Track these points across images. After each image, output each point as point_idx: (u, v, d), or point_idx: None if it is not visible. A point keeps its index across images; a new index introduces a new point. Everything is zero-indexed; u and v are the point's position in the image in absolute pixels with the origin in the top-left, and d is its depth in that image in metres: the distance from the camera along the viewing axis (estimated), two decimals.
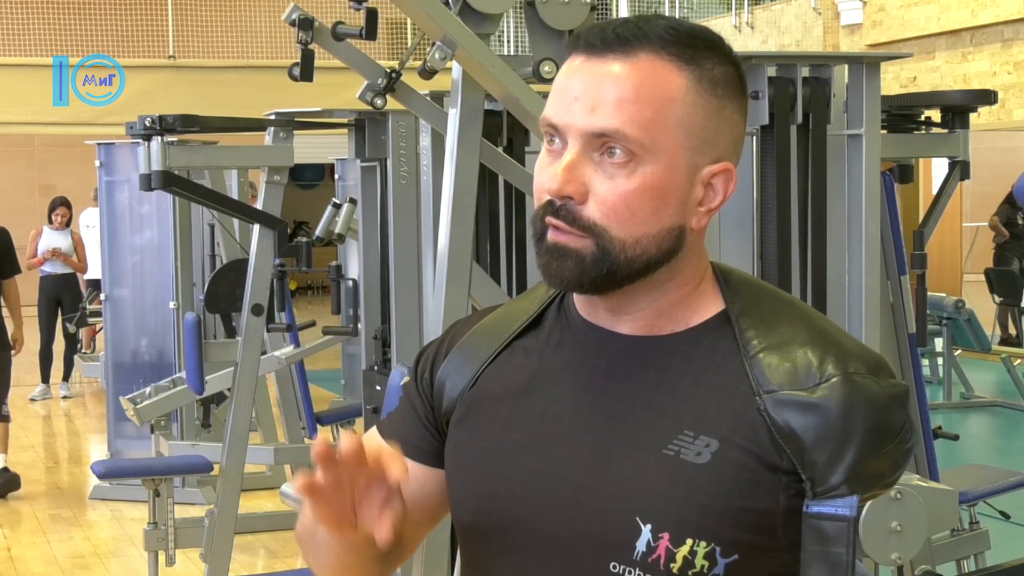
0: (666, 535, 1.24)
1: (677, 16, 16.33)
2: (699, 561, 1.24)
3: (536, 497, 1.30)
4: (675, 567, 1.24)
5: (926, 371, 9.55)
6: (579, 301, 1.37)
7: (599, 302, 1.34)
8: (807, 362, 1.26)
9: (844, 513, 1.23)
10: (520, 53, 13.13)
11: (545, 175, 1.29)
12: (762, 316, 1.31)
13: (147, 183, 4.95)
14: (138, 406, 6.04)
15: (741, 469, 1.24)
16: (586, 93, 1.26)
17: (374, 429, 1.49)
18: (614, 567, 1.25)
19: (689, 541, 1.23)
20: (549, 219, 1.27)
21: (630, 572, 1.25)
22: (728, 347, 1.30)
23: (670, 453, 1.26)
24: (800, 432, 1.24)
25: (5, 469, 7.44)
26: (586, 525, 1.27)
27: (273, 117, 5.10)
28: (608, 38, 1.27)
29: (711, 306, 1.33)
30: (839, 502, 1.23)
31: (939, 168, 10.73)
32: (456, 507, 1.38)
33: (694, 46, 1.28)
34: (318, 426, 6.56)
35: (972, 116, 4.08)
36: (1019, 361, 9.66)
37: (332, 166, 10.31)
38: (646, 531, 1.24)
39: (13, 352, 7.59)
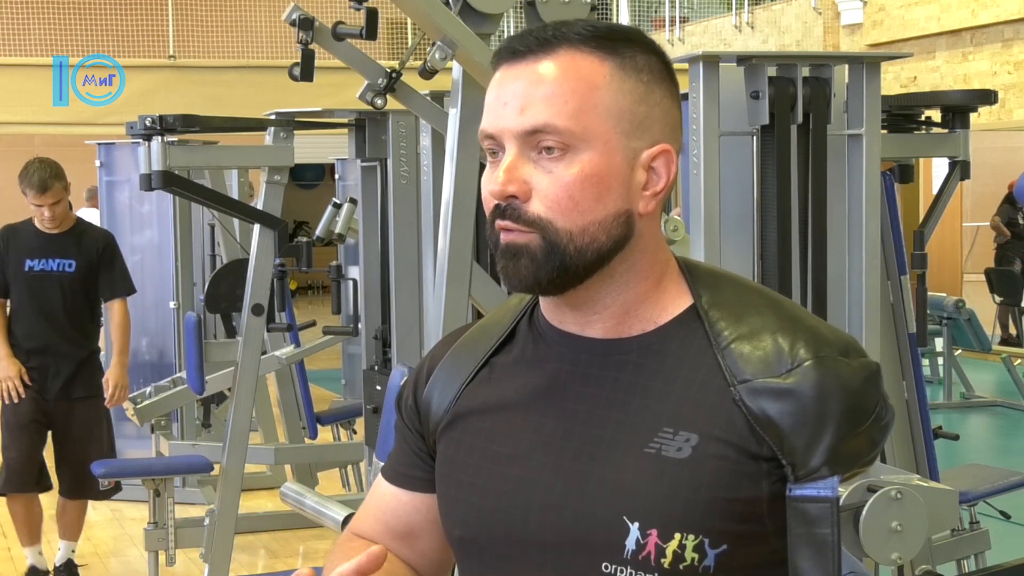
0: (654, 531, 1.25)
1: (677, 16, 16.31)
2: (688, 554, 1.25)
3: (524, 507, 1.32)
4: (666, 562, 1.25)
5: (926, 371, 9.55)
6: (547, 308, 1.38)
7: (566, 309, 1.34)
8: (778, 348, 1.28)
9: (826, 494, 1.25)
10: None
11: (487, 182, 1.31)
12: (731, 307, 1.32)
13: (147, 183, 4.95)
14: (138, 406, 6.04)
15: (722, 461, 1.25)
16: (514, 96, 1.29)
17: (380, 476, 1.51)
18: (606, 567, 1.27)
19: (677, 535, 1.25)
20: (498, 222, 1.30)
21: (622, 571, 1.26)
22: (699, 341, 1.31)
23: (651, 451, 1.27)
24: (777, 419, 1.25)
25: (70, 563, 5.60)
26: (575, 529, 1.28)
27: (273, 117, 5.10)
28: (528, 42, 1.31)
29: (679, 302, 1.34)
30: (820, 484, 1.25)
31: (939, 168, 10.73)
32: (448, 522, 1.40)
33: (612, 39, 1.31)
34: (318, 426, 6.57)
35: (972, 116, 4.08)
36: (1019, 361, 9.66)
37: (332, 166, 10.32)
38: (634, 529, 1.25)
39: (107, 398, 5.42)
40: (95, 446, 5.30)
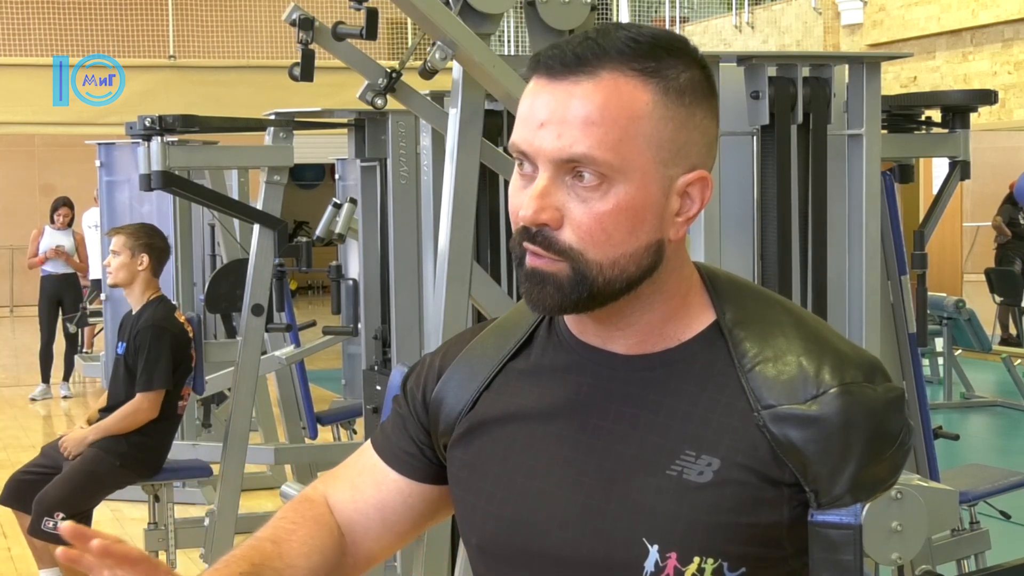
0: (673, 555, 1.24)
1: (677, 16, 16.27)
2: None
3: (544, 520, 1.30)
4: None
5: (926, 371, 9.54)
6: (570, 320, 1.36)
7: (588, 321, 1.33)
8: (803, 373, 1.26)
9: (849, 521, 1.24)
10: (520, 53, 13.14)
11: (519, 201, 1.27)
12: (755, 325, 1.30)
13: (147, 183, 4.95)
14: None
15: (743, 486, 1.25)
16: (551, 118, 1.24)
17: (368, 443, 1.50)
18: None
19: (696, 559, 1.24)
20: (526, 244, 1.26)
21: None
22: (723, 361, 1.29)
23: (673, 473, 1.26)
24: (801, 446, 1.24)
25: None
26: (594, 547, 1.28)
27: (273, 117, 5.10)
28: (568, 59, 1.24)
29: (702, 317, 1.32)
30: (843, 511, 1.24)
31: (939, 168, 10.73)
32: (465, 529, 1.39)
33: (657, 56, 1.25)
34: (318, 426, 6.57)
35: (972, 116, 4.08)
36: (1019, 361, 9.66)
37: (332, 166, 10.32)
38: (653, 552, 1.25)
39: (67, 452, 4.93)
40: (58, 485, 4.85)
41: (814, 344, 1.28)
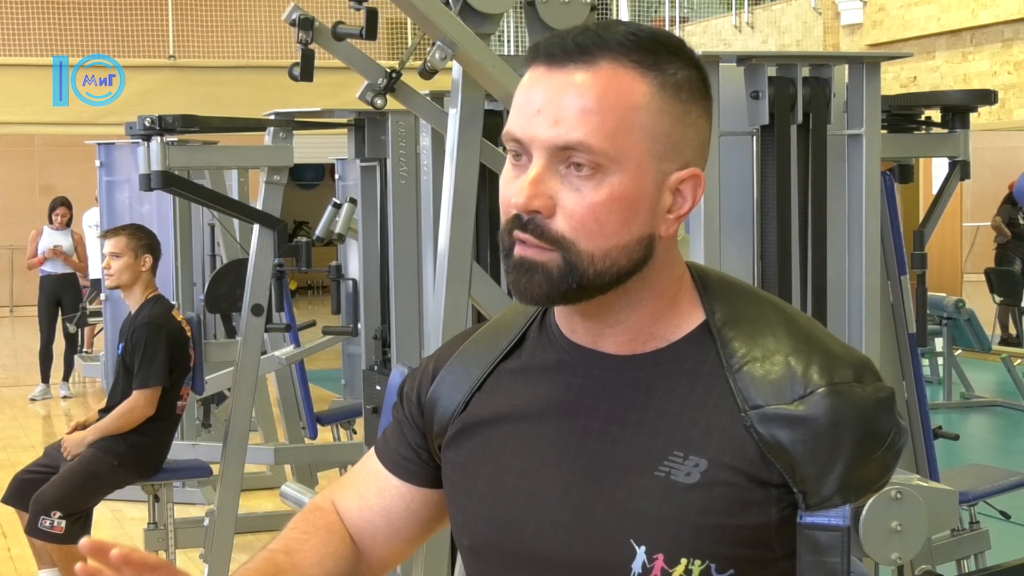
0: (660, 556, 1.24)
1: (677, 16, 16.27)
2: None
3: (533, 521, 1.31)
4: None
5: (926, 371, 9.54)
6: (560, 319, 1.36)
7: (578, 319, 1.32)
8: (791, 373, 1.25)
9: (837, 523, 1.24)
10: (520, 53, 13.13)
11: (511, 189, 1.26)
12: (744, 325, 1.30)
13: (147, 183, 4.95)
14: None
15: (731, 487, 1.24)
16: (548, 105, 1.24)
17: (372, 451, 1.51)
18: None
19: (684, 561, 1.24)
20: (516, 233, 1.25)
21: None
22: (712, 362, 1.28)
23: (661, 474, 1.26)
24: (789, 446, 1.23)
25: None
26: (583, 548, 1.27)
27: (273, 117, 5.10)
28: (568, 47, 1.25)
29: (692, 317, 1.31)
30: (832, 512, 1.24)
31: (939, 168, 10.73)
32: (457, 530, 1.40)
33: (656, 51, 1.26)
34: (318, 426, 6.57)
35: (972, 116, 4.08)
36: (1019, 361, 9.65)
37: (332, 166, 10.32)
38: (641, 553, 1.25)
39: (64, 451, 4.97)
40: (55, 484, 4.85)
41: (803, 344, 1.28)
